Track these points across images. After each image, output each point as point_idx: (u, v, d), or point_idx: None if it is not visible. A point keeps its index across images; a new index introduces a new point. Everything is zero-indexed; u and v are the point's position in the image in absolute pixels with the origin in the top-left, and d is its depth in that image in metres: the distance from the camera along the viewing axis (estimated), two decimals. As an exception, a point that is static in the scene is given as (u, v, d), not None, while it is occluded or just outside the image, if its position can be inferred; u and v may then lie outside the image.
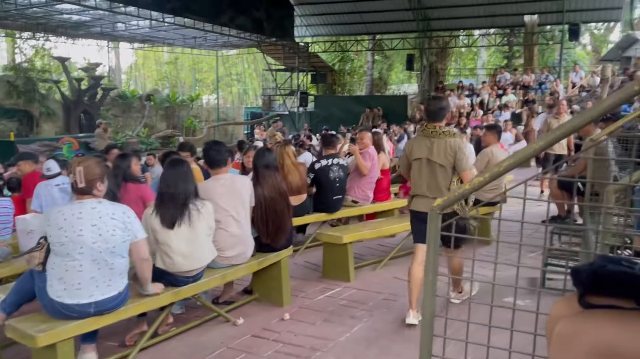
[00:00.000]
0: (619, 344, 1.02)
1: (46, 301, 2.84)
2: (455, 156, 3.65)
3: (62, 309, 2.81)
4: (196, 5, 16.41)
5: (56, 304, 2.80)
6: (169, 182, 3.41)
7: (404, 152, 3.96)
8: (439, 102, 3.89)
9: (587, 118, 1.33)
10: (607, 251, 2.28)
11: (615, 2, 18.58)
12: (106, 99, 21.64)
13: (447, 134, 3.73)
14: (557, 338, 1.12)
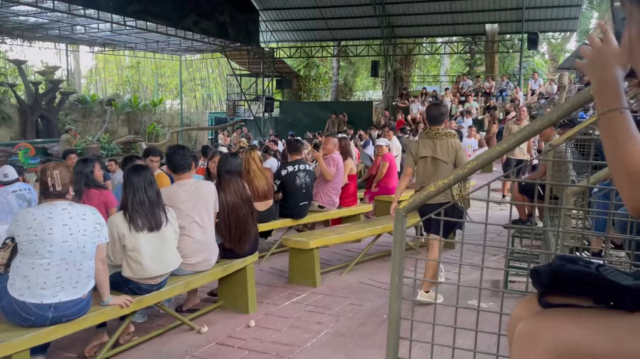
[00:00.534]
0: (578, 342, 1.03)
1: (5, 302, 2.79)
2: (456, 154, 4.25)
3: (20, 310, 2.74)
4: (159, 8, 16.16)
5: (15, 304, 2.74)
6: (135, 187, 3.35)
7: (410, 151, 4.51)
8: (439, 108, 4.57)
9: (547, 121, 1.36)
10: (567, 253, 2.33)
11: (571, 13, 19.26)
12: (65, 104, 21.02)
13: (448, 135, 4.34)
14: (518, 338, 1.14)
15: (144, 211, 3.33)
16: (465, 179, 4.22)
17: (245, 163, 5.37)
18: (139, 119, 24.55)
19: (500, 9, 19.36)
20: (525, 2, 18.73)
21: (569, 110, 1.37)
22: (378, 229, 5.54)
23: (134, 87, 34.35)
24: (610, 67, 1.00)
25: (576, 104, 1.32)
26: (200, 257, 3.80)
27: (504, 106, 17.27)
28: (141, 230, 3.31)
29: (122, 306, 3.18)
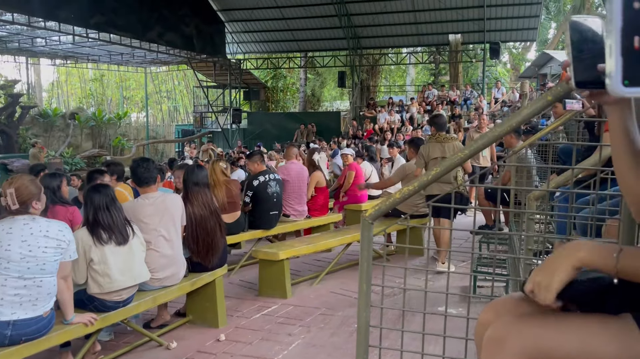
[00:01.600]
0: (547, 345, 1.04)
1: None
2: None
3: None
4: (122, 20, 15.93)
5: None
6: (96, 205, 3.29)
7: (421, 154, 5.45)
8: (443, 118, 5.96)
9: (507, 127, 1.39)
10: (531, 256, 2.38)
11: (530, 24, 19.87)
12: (25, 118, 20.45)
13: (453, 139, 5.55)
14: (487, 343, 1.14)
15: (107, 226, 3.28)
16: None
17: (210, 174, 5.32)
18: (104, 133, 24.08)
19: (463, 19, 19.82)
20: (487, 14, 19.23)
21: (529, 115, 1.40)
22: (348, 238, 5.55)
23: (98, 100, 33.69)
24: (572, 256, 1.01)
25: (534, 111, 1.35)
26: (168, 272, 3.73)
27: (468, 114, 17.61)
28: (107, 242, 3.25)
29: (86, 324, 3.09)
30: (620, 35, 0.60)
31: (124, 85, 34.37)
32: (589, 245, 0.99)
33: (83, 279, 3.25)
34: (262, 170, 5.84)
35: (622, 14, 0.60)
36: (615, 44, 0.60)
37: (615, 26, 0.60)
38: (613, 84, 0.61)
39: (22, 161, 16.29)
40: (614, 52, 0.60)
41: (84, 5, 14.52)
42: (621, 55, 0.60)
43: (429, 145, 5.41)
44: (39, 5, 13.30)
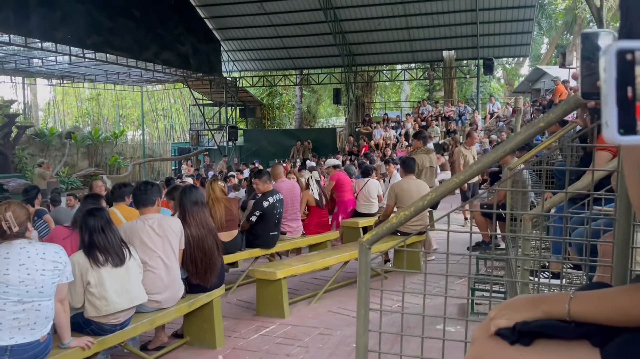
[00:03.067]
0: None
1: None
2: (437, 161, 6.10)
3: None
4: (118, 40, 16.05)
5: None
6: (92, 228, 3.31)
7: (417, 164, 6.56)
8: (425, 132, 7.80)
9: (501, 153, 1.41)
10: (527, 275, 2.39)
11: (523, 39, 20.13)
12: (22, 138, 20.47)
13: (432, 151, 7.34)
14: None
15: (103, 248, 3.29)
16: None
17: (208, 193, 5.34)
18: (100, 151, 24.10)
19: (456, 36, 20.06)
20: (480, 30, 19.47)
21: (522, 141, 1.43)
22: (345, 256, 5.54)
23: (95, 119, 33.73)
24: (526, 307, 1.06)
25: (527, 137, 1.38)
26: (167, 294, 3.72)
27: (463, 129, 17.73)
28: (103, 265, 3.25)
29: (83, 347, 3.07)
30: (615, 86, 0.62)
31: (120, 104, 34.47)
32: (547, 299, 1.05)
33: (80, 303, 3.24)
34: (269, 190, 5.82)
35: (617, 66, 0.62)
36: (611, 94, 0.62)
37: (610, 77, 0.63)
38: (609, 132, 0.63)
39: (18, 181, 16.26)
40: (609, 101, 0.62)
41: (80, 25, 14.64)
42: (616, 105, 0.62)
43: (420, 156, 6.63)
44: (36, 26, 13.41)
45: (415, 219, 5.85)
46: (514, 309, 1.07)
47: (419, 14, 19.26)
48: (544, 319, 1.02)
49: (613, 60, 0.63)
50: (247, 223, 5.61)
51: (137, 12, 16.68)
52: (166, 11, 18.10)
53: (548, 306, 1.03)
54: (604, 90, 0.63)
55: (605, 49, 0.64)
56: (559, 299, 1.02)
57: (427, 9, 18.99)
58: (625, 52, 0.62)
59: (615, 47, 0.63)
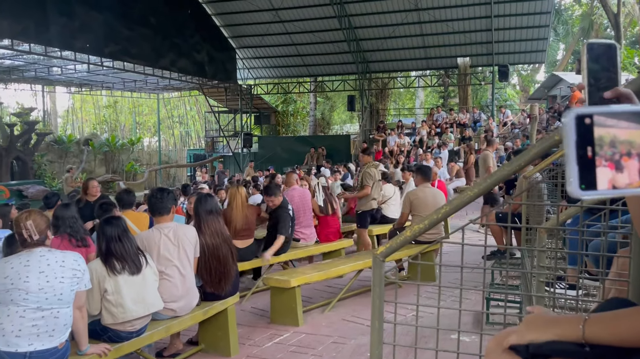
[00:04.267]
0: None
1: None
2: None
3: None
4: (136, 49, 16.28)
5: None
6: (109, 237, 3.36)
7: (371, 176, 6.87)
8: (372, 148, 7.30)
9: (516, 166, 1.42)
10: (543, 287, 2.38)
11: (539, 46, 19.99)
12: (41, 145, 20.81)
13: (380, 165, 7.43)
14: None
15: (120, 256, 3.34)
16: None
17: (230, 198, 5.39)
18: (117, 158, 24.38)
19: (471, 43, 19.99)
20: (495, 37, 19.38)
21: (537, 154, 1.43)
22: (359, 264, 5.54)
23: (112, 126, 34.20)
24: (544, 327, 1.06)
25: (541, 150, 1.39)
26: (182, 302, 3.76)
27: (478, 136, 17.65)
28: (120, 272, 3.30)
29: (100, 354, 3.11)
30: (575, 147, 0.68)
31: (137, 111, 34.89)
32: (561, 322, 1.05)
33: (97, 310, 3.29)
34: (282, 200, 5.84)
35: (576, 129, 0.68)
36: (571, 155, 0.68)
37: (570, 139, 0.69)
38: (572, 188, 0.69)
39: (37, 187, 16.53)
40: (570, 161, 0.68)
41: (99, 35, 14.90)
42: (577, 164, 0.68)
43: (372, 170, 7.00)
44: (56, 36, 13.68)
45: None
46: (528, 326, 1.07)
47: (434, 21, 19.25)
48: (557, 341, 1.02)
49: (572, 124, 0.69)
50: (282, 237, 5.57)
51: (154, 21, 16.91)
52: (183, 20, 18.32)
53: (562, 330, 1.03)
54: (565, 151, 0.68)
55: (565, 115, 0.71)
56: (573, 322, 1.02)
57: (441, 16, 18.97)
58: (583, 116, 0.69)
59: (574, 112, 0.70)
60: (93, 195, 6.39)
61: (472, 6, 18.31)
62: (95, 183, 6.69)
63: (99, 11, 14.72)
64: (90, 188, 6.45)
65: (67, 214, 4.13)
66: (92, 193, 6.40)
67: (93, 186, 6.51)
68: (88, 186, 6.53)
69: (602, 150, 0.68)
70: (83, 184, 6.88)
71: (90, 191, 6.41)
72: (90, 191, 6.42)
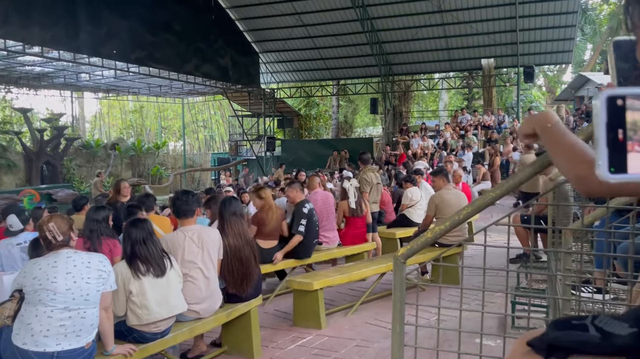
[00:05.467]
0: None
1: (8, 353, 2.81)
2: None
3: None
4: (161, 54, 16.54)
5: (18, 354, 2.76)
6: (134, 239, 3.42)
7: (367, 181, 7.17)
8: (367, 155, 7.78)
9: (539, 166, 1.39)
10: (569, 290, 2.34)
11: (565, 46, 19.63)
12: (69, 149, 21.30)
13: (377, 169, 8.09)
14: None
15: (145, 258, 3.39)
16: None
17: (266, 200, 5.46)
18: (143, 162, 24.77)
19: (495, 44, 19.75)
20: (520, 37, 19.12)
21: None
22: (382, 268, 5.52)
23: (138, 130, 34.77)
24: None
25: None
26: (206, 304, 3.80)
27: (503, 139, 17.41)
28: (144, 274, 3.34)
29: (126, 355, 3.16)
30: (605, 129, 0.67)
31: (162, 116, 35.41)
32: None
33: (122, 311, 3.34)
34: (303, 199, 5.90)
35: (607, 111, 0.67)
36: (601, 137, 0.67)
37: (601, 121, 0.67)
38: (601, 171, 0.68)
39: (66, 191, 16.91)
40: (600, 143, 0.67)
41: (125, 41, 15.20)
42: (607, 146, 0.67)
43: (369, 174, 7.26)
44: (84, 43, 14.01)
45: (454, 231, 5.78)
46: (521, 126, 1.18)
47: (457, 23, 19.08)
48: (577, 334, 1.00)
49: (604, 105, 0.68)
50: (300, 235, 5.62)
51: (179, 27, 17.16)
52: (206, 25, 18.54)
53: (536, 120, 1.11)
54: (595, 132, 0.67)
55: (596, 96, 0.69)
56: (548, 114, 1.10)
57: (465, 18, 18.79)
58: (615, 98, 0.67)
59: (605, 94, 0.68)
60: (124, 195, 6.56)
61: (496, 7, 18.10)
62: (126, 184, 6.87)
63: (125, 18, 15.01)
64: (122, 189, 6.63)
65: (92, 216, 4.21)
66: (124, 194, 6.58)
67: (125, 187, 6.70)
68: (120, 187, 6.69)
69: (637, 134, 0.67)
70: (115, 185, 7.05)
71: (122, 192, 6.59)
72: (123, 192, 6.59)
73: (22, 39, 12.59)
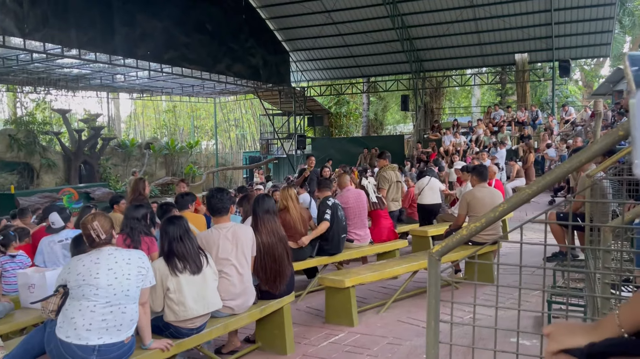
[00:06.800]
0: None
1: (52, 346, 2.90)
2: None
3: (65, 353, 2.84)
4: (193, 55, 16.80)
5: (61, 347, 2.85)
6: (171, 237, 3.48)
7: (386, 179, 7.26)
8: (387, 152, 7.74)
9: (576, 163, 1.38)
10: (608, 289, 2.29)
11: (603, 39, 19.07)
12: (106, 149, 21.85)
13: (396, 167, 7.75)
14: None
15: (182, 256, 3.45)
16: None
17: (282, 200, 5.47)
18: (176, 161, 25.21)
19: (529, 38, 19.34)
20: (555, 31, 18.67)
21: (599, 151, 1.39)
22: (414, 266, 5.48)
23: (171, 130, 35.38)
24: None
25: (604, 146, 1.34)
26: (239, 301, 3.85)
27: (538, 135, 17.04)
28: (182, 272, 3.41)
29: (163, 349, 3.24)
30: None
31: (195, 115, 35.94)
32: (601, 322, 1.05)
33: (160, 307, 3.42)
34: (326, 196, 5.97)
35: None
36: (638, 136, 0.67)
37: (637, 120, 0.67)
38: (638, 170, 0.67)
39: (103, 189, 17.38)
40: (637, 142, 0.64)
41: (159, 43, 15.51)
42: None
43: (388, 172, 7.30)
44: (120, 45, 14.37)
45: (488, 228, 5.70)
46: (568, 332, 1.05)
47: (490, 17, 18.76)
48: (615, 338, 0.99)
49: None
50: (326, 222, 5.66)
51: (211, 27, 17.40)
52: (237, 25, 18.75)
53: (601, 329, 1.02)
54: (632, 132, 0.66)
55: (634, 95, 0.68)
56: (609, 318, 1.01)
57: (497, 12, 18.46)
58: None
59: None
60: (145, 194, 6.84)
61: (530, 0, 17.72)
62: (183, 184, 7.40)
63: (158, 20, 15.31)
64: (180, 188, 7.12)
65: (132, 214, 4.31)
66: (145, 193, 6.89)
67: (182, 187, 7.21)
68: (180, 186, 7.27)
69: None
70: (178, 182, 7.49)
71: (179, 190, 7.02)
72: (180, 190, 7.02)
73: (60, 42, 12.97)
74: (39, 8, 12.07)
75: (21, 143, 18.89)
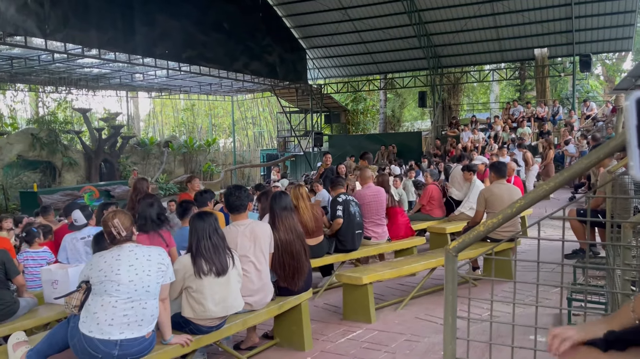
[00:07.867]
0: None
1: (75, 340, 2.97)
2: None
3: (88, 347, 2.91)
4: (211, 53, 16.94)
5: (84, 341, 2.92)
6: (200, 234, 3.47)
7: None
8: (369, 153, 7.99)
9: (595, 159, 1.37)
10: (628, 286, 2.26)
11: (625, 33, 18.73)
12: (125, 147, 22.12)
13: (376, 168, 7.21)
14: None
15: (209, 257, 3.43)
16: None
17: (293, 199, 5.48)
18: (195, 159, 25.43)
19: (549, 33, 19.07)
20: (576, 25, 18.38)
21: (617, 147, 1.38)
22: (432, 263, 5.47)
23: (189, 128, 35.70)
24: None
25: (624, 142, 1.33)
26: (257, 297, 3.89)
27: (557, 130, 16.81)
28: (206, 274, 3.40)
29: (183, 344, 3.29)
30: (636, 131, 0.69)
31: (213, 113, 36.20)
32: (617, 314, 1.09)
33: (175, 295, 3.44)
34: (339, 193, 5.99)
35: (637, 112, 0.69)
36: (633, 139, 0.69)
37: (631, 123, 0.69)
38: (635, 172, 0.70)
39: (123, 187, 17.60)
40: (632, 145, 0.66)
41: (177, 42, 15.67)
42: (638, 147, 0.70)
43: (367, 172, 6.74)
44: (139, 44, 14.56)
45: (506, 225, 5.65)
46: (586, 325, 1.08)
47: (509, 12, 18.55)
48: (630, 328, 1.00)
49: (633, 107, 0.69)
50: (339, 219, 5.69)
51: (228, 25, 17.51)
52: (254, 23, 18.83)
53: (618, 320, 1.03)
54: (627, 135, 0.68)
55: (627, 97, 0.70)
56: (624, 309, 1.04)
57: (516, 7, 18.24)
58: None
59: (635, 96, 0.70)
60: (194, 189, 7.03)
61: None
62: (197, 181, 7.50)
63: (176, 19, 15.46)
64: (194, 186, 7.23)
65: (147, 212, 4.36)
66: (193, 188, 7.14)
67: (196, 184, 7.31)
68: (193, 183, 7.37)
69: None
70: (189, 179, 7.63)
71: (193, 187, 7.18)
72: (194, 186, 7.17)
73: (80, 42, 13.17)
74: (60, 9, 12.27)
75: (43, 142, 19.23)
